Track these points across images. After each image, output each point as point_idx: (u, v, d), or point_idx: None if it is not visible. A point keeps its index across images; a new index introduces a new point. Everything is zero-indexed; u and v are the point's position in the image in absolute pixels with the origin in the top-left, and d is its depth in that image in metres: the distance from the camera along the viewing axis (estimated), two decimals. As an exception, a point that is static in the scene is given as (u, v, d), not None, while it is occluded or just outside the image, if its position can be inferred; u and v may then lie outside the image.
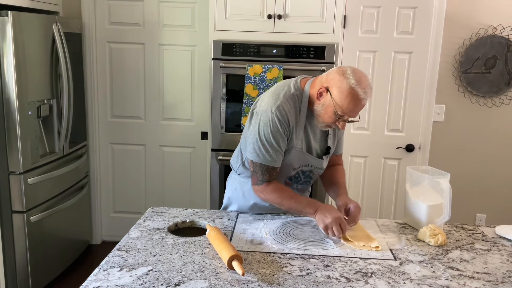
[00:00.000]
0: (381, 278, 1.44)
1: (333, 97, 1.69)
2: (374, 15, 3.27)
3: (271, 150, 1.78)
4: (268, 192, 1.83)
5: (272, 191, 1.82)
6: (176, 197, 3.74)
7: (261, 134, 1.78)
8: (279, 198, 1.81)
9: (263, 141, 1.78)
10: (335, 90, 1.69)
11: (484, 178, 3.56)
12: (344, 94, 1.66)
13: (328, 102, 1.71)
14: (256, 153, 1.80)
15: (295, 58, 2.95)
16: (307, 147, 1.88)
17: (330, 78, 1.72)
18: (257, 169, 1.82)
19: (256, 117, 1.81)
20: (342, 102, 1.67)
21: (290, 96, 1.79)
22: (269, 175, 1.82)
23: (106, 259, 1.50)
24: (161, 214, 1.93)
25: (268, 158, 1.79)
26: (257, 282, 1.39)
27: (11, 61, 2.61)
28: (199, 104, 3.59)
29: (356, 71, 1.69)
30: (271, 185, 1.82)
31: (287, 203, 1.81)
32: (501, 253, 1.67)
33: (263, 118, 1.78)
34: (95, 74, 3.58)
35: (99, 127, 3.67)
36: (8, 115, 2.67)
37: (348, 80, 1.66)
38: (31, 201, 2.81)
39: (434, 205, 1.82)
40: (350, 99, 1.66)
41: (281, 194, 1.82)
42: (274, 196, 1.82)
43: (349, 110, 1.69)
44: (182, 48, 3.54)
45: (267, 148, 1.78)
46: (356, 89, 1.65)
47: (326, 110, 1.73)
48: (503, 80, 3.40)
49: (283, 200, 1.81)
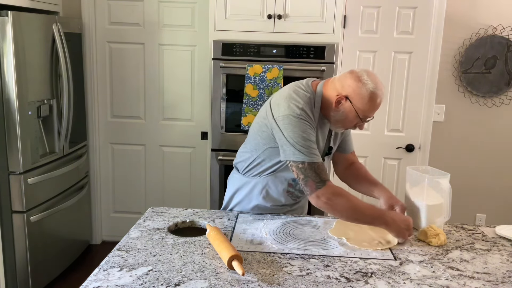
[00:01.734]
0: (381, 278, 1.44)
1: (354, 104, 1.73)
2: (374, 15, 3.27)
3: (312, 145, 1.73)
4: (336, 197, 1.70)
5: (339, 196, 1.71)
6: (176, 197, 3.74)
7: (294, 136, 1.72)
8: (348, 203, 1.71)
9: (299, 143, 1.71)
10: (355, 97, 1.72)
11: (484, 178, 3.56)
12: (366, 99, 1.71)
13: (348, 109, 1.74)
14: (300, 154, 1.71)
15: (295, 58, 2.95)
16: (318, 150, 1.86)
17: (347, 85, 1.74)
18: (309, 171, 1.70)
19: (280, 123, 1.75)
20: (364, 107, 1.72)
21: (307, 99, 1.78)
22: (324, 173, 1.72)
23: (106, 259, 1.50)
24: (161, 214, 1.93)
25: (313, 154, 1.71)
26: (257, 282, 1.39)
27: (11, 61, 2.61)
28: (199, 104, 3.59)
29: (370, 74, 1.73)
30: (335, 188, 1.72)
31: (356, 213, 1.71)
32: (501, 253, 1.67)
33: (289, 121, 1.73)
34: (95, 74, 3.58)
35: (99, 127, 3.67)
36: (8, 115, 2.67)
37: (368, 86, 1.70)
38: (31, 201, 2.81)
39: (434, 205, 1.82)
40: (372, 103, 1.72)
41: (350, 199, 1.71)
42: (343, 201, 1.70)
43: (371, 112, 1.75)
44: (182, 48, 3.54)
45: (307, 147, 1.71)
46: (376, 92, 1.71)
47: (346, 116, 1.76)
48: (503, 80, 3.40)
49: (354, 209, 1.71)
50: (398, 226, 1.69)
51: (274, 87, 2.90)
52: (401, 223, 1.70)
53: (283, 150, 1.75)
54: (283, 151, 1.75)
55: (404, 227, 1.69)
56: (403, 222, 1.70)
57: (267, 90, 2.90)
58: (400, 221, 1.70)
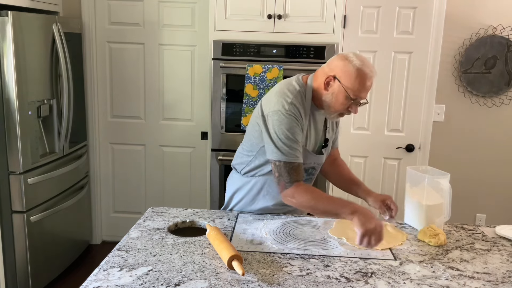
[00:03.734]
0: (381, 278, 1.44)
1: (342, 82, 1.71)
2: (374, 15, 3.27)
3: (293, 146, 1.73)
4: (299, 194, 1.73)
5: (304, 192, 1.73)
6: (176, 197, 3.74)
7: (279, 133, 1.73)
8: (313, 200, 1.72)
9: (282, 139, 1.73)
10: (342, 75, 1.71)
11: (484, 178, 3.56)
12: (353, 76, 1.70)
13: (337, 89, 1.73)
14: (279, 152, 1.74)
15: (295, 58, 2.96)
16: (309, 144, 1.87)
17: (334, 65, 1.75)
18: (283, 170, 1.74)
19: (269, 119, 1.77)
20: (353, 84, 1.70)
21: (297, 93, 1.79)
22: (296, 174, 1.74)
23: (106, 259, 1.50)
24: (161, 214, 1.93)
25: (292, 154, 1.73)
26: (257, 282, 1.39)
27: (11, 61, 2.61)
28: (199, 104, 3.59)
29: (357, 54, 1.74)
30: (301, 186, 1.74)
31: (322, 204, 1.72)
32: (501, 253, 1.67)
33: (277, 118, 1.75)
34: (95, 74, 3.58)
35: (99, 127, 3.67)
36: (8, 115, 2.67)
37: (354, 63, 1.70)
38: (31, 201, 2.81)
39: (434, 205, 1.82)
40: (360, 80, 1.70)
41: (314, 195, 1.73)
42: (307, 198, 1.72)
43: (360, 91, 1.72)
44: (182, 48, 3.54)
45: (288, 145, 1.73)
46: (363, 68, 1.69)
47: (337, 98, 1.74)
48: (503, 80, 3.40)
49: (318, 201, 1.72)
50: (365, 220, 1.60)
51: (274, 87, 2.90)
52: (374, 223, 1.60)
53: (266, 148, 1.80)
54: (266, 148, 1.80)
55: (374, 227, 1.59)
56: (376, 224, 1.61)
57: (267, 90, 2.90)
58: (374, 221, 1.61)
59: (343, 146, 2.18)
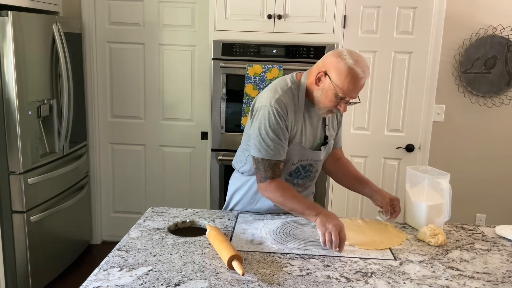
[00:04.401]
0: (381, 278, 1.44)
1: (333, 80, 1.69)
2: (374, 15, 3.27)
3: (272, 144, 1.76)
4: (271, 190, 1.79)
5: (275, 189, 1.78)
6: (176, 197, 3.74)
7: (262, 129, 1.77)
8: (281, 197, 1.77)
9: (263, 136, 1.77)
10: (333, 72, 1.69)
11: (484, 178, 3.56)
12: (343, 75, 1.67)
13: (327, 85, 1.71)
14: (258, 149, 1.79)
15: (295, 58, 2.96)
16: (305, 140, 1.87)
17: (327, 61, 1.73)
18: (260, 165, 1.80)
19: (256, 114, 1.82)
20: (342, 83, 1.68)
21: (287, 90, 1.80)
22: (272, 171, 1.79)
23: (106, 259, 1.50)
24: (161, 214, 1.93)
25: (270, 152, 1.77)
26: (257, 282, 1.39)
27: (11, 61, 2.61)
28: (199, 104, 3.59)
29: (353, 52, 1.71)
30: (274, 183, 1.79)
31: (289, 202, 1.76)
32: (501, 253, 1.67)
33: (262, 113, 1.78)
34: (95, 74, 3.58)
35: (99, 127, 3.67)
36: (8, 115, 2.67)
37: (346, 61, 1.67)
38: (31, 201, 2.81)
39: (434, 205, 1.82)
40: (350, 79, 1.67)
41: (284, 193, 1.77)
42: (277, 195, 1.78)
43: (349, 91, 1.69)
44: (182, 48, 3.54)
45: (268, 142, 1.76)
46: (355, 68, 1.66)
47: (326, 94, 1.73)
48: (503, 80, 3.40)
49: (286, 199, 1.76)
50: (325, 220, 1.63)
51: (274, 87, 2.90)
52: (331, 222, 1.62)
53: (251, 141, 1.83)
54: (251, 142, 1.83)
55: (332, 225, 1.61)
56: (333, 223, 1.62)
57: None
58: (332, 221, 1.62)
59: (343, 146, 2.16)
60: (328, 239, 1.61)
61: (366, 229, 1.81)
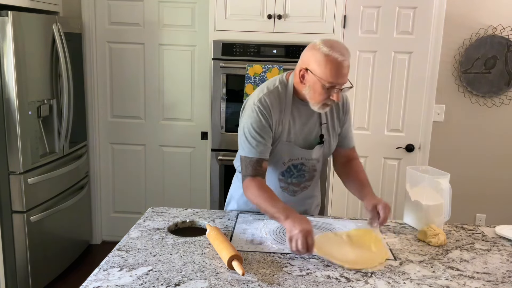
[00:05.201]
0: (381, 278, 1.44)
1: (314, 73, 1.67)
2: (374, 15, 3.27)
3: (254, 142, 1.76)
4: (249, 189, 1.75)
5: (252, 188, 1.74)
6: (176, 197, 3.74)
7: (245, 127, 1.79)
8: (257, 197, 1.71)
9: (246, 133, 1.78)
10: (312, 65, 1.68)
11: (484, 178, 3.56)
12: (322, 64, 1.65)
13: (312, 80, 1.69)
14: (242, 147, 1.80)
15: (295, 58, 2.93)
16: (295, 139, 1.85)
17: (305, 57, 1.73)
18: (243, 163, 1.79)
19: (243, 113, 1.84)
20: (324, 73, 1.65)
21: (273, 89, 1.81)
22: (252, 169, 1.76)
23: (106, 259, 1.50)
24: (161, 214, 1.93)
25: (252, 149, 1.76)
26: (257, 282, 1.39)
27: (11, 61, 2.61)
28: (199, 104, 3.59)
29: (326, 40, 1.69)
30: (254, 182, 1.74)
31: (263, 203, 1.69)
32: (501, 253, 1.67)
33: (247, 112, 1.80)
34: (95, 74, 3.58)
35: (99, 127, 3.67)
36: (8, 115, 2.67)
37: (321, 50, 1.65)
38: (31, 201, 2.81)
39: (434, 205, 1.82)
40: (331, 66, 1.64)
41: (260, 193, 1.71)
42: (254, 195, 1.73)
43: (334, 78, 1.65)
44: (182, 48, 3.54)
45: (250, 140, 1.76)
46: (331, 54, 1.63)
47: (314, 89, 1.71)
48: (503, 80, 3.40)
49: (261, 200, 1.70)
50: (293, 225, 1.54)
51: (274, 87, 2.90)
52: (297, 227, 1.52)
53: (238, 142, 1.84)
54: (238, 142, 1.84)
55: (297, 232, 1.51)
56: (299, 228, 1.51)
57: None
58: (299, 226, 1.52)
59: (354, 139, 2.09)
60: (294, 246, 1.52)
61: (346, 245, 1.65)
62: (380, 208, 1.72)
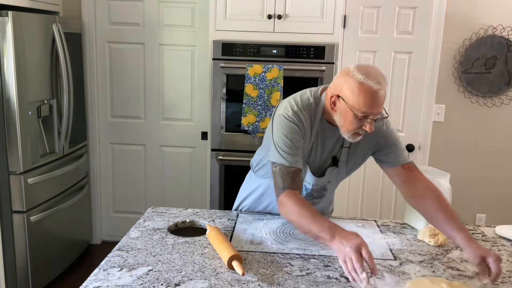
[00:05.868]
0: (381, 278, 1.44)
1: (347, 101, 1.54)
2: (374, 15, 3.27)
3: (291, 150, 1.61)
4: (287, 205, 1.55)
5: (291, 204, 1.54)
6: (176, 197, 3.74)
7: (277, 137, 1.65)
8: (298, 214, 1.52)
9: (280, 143, 1.63)
10: (345, 92, 1.54)
11: (484, 178, 3.56)
12: (355, 92, 1.51)
13: (343, 108, 1.56)
14: (277, 154, 1.63)
15: (295, 58, 2.95)
16: (312, 161, 1.76)
17: (337, 83, 1.59)
18: (278, 173, 1.61)
19: (274, 121, 1.71)
20: (357, 102, 1.51)
21: (306, 105, 1.68)
22: (291, 180, 1.59)
23: (106, 259, 1.50)
24: (161, 214, 1.93)
25: (288, 156, 1.60)
26: (257, 282, 1.39)
27: (11, 61, 2.61)
28: (199, 104, 3.59)
29: (361, 66, 1.56)
30: (294, 197, 1.56)
31: (305, 223, 1.50)
32: (501, 253, 1.67)
33: (279, 121, 1.67)
34: (95, 74, 3.58)
35: (99, 127, 3.67)
36: (8, 115, 2.67)
37: (355, 77, 1.52)
38: (31, 201, 2.81)
39: (434, 205, 1.82)
40: (365, 95, 1.50)
41: (302, 208, 1.52)
42: (293, 211, 1.53)
43: (368, 107, 1.51)
44: (182, 48, 3.54)
45: (285, 149, 1.62)
46: (366, 82, 1.50)
47: (345, 117, 1.57)
48: (503, 80, 3.40)
49: (302, 218, 1.51)
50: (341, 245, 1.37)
51: (274, 87, 2.90)
52: (347, 243, 1.36)
53: (270, 149, 1.70)
54: (270, 150, 1.70)
55: (349, 248, 1.34)
56: (350, 243, 1.35)
57: (267, 90, 2.90)
58: (347, 241, 1.37)
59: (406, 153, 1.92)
60: (351, 267, 1.33)
61: None
62: (491, 262, 1.40)
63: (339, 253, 1.38)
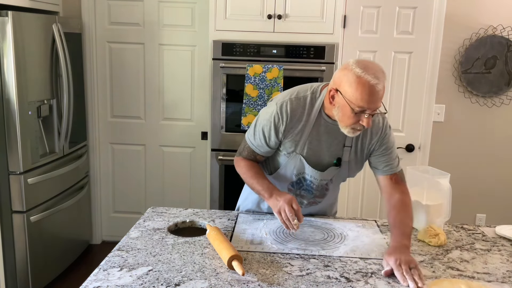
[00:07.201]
0: (381, 278, 1.44)
1: (344, 95, 1.54)
2: (374, 15, 3.27)
3: (258, 138, 1.79)
4: (239, 164, 1.87)
5: (242, 164, 1.85)
6: (176, 197, 3.74)
7: (259, 120, 1.80)
8: (245, 174, 1.82)
9: (257, 126, 1.79)
10: (343, 86, 1.55)
11: (484, 178, 3.56)
12: (353, 86, 1.51)
13: (341, 102, 1.57)
14: (251, 134, 1.83)
15: (295, 58, 2.95)
16: (308, 155, 1.77)
17: (336, 77, 1.61)
18: (243, 143, 1.88)
19: (270, 104, 1.81)
20: (355, 96, 1.52)
21: (301, 97, 1.72)
22: (247, 153, 1.86)
23: (106, 259, 1.50)
24: (161, 214, 1.93)
25: (253, 142, 1.82)
26: (257, 282, 1.39)
27: (11, 61, 2.61)
28: (199, 104, 3.59)
29: (361, 60, 1.56)
30: (245, 161, 1.86)
31: (250, 179, 1.80)
32: (501, 253, 1.67)
33: (268, 109, 1.78)
34: (95, 74, 3.58)
35: (99, 127, 3.67)
36: (8, 115, 2.67)
37: (353, 71, 1.52)
38: (31, 201, 2.81)
39: (434, 205, 1.82)
40: (362, 89, 1.50)
41: (249, 169, 1.82)
42: (242, 170, 1.84)
43: (365, 102, 1.52)
44: (182, 48, 3.54)
45: (257, 132, 1.79)
46: (364, 76, 1.50)
47: (343, 111, 1.58)
48: (503, 80, 3.40)
49: (248, 177, 1.81)
50: (276, 202, 1.67)
51: (274, 87, 2.90)
52: (281, 199, 1.66)
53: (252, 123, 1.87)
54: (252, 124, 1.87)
55: (282, 203, 1.64)
56: (282, 198, 1.65)
57: (267, 90, 2.90)
58: (281, 197, 1.67)
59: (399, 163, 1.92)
60: (285, 217, 1.63)
61: None
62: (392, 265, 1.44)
63: (274, 207, 1.67)
